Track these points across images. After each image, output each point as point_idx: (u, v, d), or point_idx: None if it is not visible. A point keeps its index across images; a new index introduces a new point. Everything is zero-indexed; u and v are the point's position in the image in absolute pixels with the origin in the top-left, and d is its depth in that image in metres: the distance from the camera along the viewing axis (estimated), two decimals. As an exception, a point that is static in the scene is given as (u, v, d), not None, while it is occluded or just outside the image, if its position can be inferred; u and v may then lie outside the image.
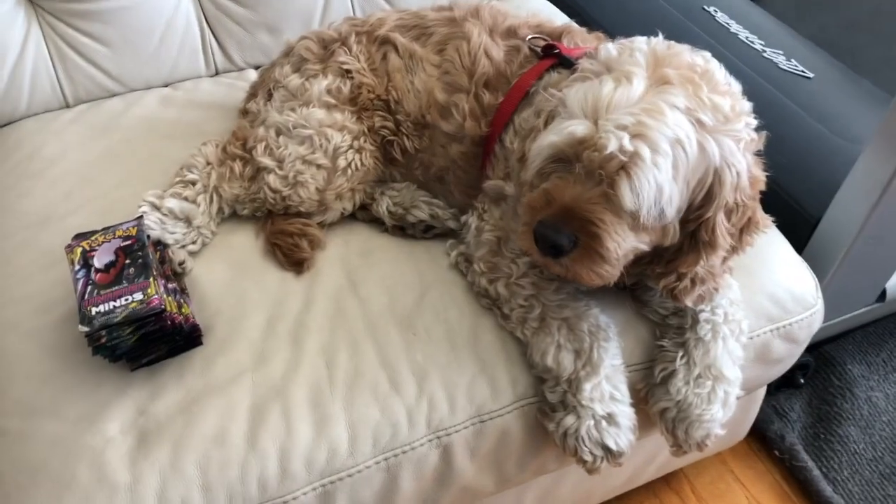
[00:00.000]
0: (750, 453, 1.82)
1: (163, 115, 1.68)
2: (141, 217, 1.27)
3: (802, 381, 1.89)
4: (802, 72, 1.96)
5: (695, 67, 1.08)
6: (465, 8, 1.44)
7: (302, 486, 1.15)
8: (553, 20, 1.47)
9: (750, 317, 1.31)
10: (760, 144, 1.12)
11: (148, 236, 1.24)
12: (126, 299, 1.14)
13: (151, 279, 1.17)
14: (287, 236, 1.36)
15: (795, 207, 1.65)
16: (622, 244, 1.07)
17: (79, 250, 1.20)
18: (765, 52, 2.02)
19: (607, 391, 1.19)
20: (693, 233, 1.11)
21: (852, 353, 1.96)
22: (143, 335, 1.15)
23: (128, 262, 1.19)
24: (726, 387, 1.24)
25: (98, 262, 1.19)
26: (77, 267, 1.19)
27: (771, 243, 1.42)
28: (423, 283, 1.34)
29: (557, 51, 1.33)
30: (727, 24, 2.13)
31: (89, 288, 1.16)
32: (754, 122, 1.10)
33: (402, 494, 1.22)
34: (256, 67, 1.86)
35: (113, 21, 1.68)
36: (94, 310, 1.13)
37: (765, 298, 1.37)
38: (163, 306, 1.14)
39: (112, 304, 1.14)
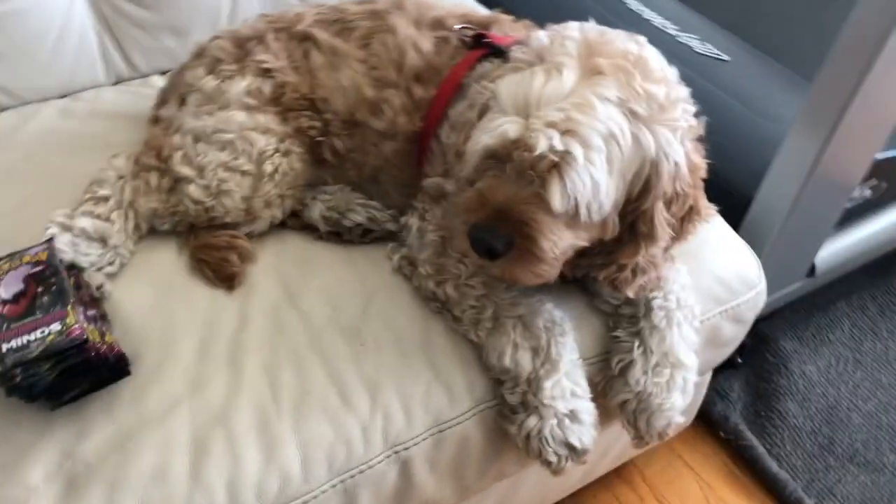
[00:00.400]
0: (696, 437, 1.82)
1: (64, 128, 1.54)
2: (51, 239, 1.15)
3: (740, 360, 1.91)
4: (718, 55, 1.98)
5: (628, 55, 1.04)
6: (388, 0, 1.38)
7: (254, 519, 1.06)
8: (478, 10, 1.42)
9: (699, 301, 1.29)
10: (700, 131, 1.10)
11: (60, 260, 1.12)
12: (42, 332, 1.03)
13: (69, 307, 1.05)
14: (214, 250, 1.27)
15: (725, 189, 1.65)
16: (558, 243, 1.03)
17: (-19, 281, 1.08)
18: (679, 36, 2.03)
19: (568, 388, 1.15)
20: (632, 224, 1.08)
21: (783, 330, 1.99)
22: (64, 370, 1.04)
23: (40, 290, 1.07)
24: (684, 373, 1.22)
25: (5, 292, 1.07)
26: (-20, 300, 1.06)
27: (712, 226, 1.41)
28: (367, 291, 1.27)
29: (488, 40, 1.28)
30: (639, 10, 2.13)
31: (-2, 322, 1.04)
32: (692, 109, 1.08)
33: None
34: (162, 73, 1.74)
35: (-1, 28, 1.54)
36: (4, 346, 1.01)
37: (711, 281, 1.36)
38: (85, 336, 1.03)
39: (26, 338, 1.02)
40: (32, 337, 1.02)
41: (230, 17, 1.75)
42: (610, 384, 1.23)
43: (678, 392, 1.21)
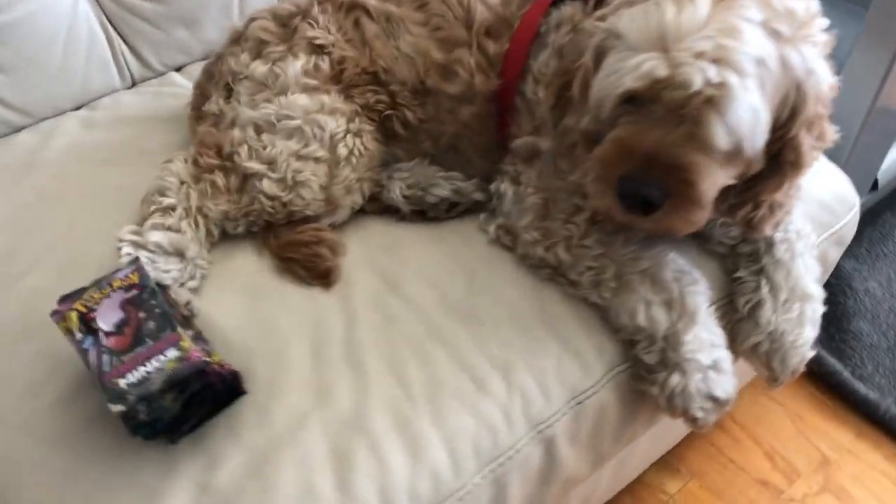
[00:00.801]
0: (779, 370, 1.78)
1: (89, 140, 1.42)
2: (136, 259, 1.04)
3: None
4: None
5: None
6: (436, -45, 1.28)
7: (411, 524, 0.99)
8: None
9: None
10: (831, 45, 1.02)
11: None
12: (159, 360, 0.93)
13: (180, 329, 0.95)
14: (302, 246, 1.17)
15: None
16: (714, 184, 0.96)
17: (73, 315, 0.97)
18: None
19: (707, 339, 1.09)
20: (775, 155, 1.01)
21: (839, 250, 1.96)
22: (186, 399, 0.94)
23: (142, 315, 0.97)
24: (813, 305, 1.18)
25: (104, 323, 0.96)
26: (79, 335, 0.95)
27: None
28: (466, 267, 1.19)
29: (555, -17, 1.20)
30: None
31: (106, 357, 0.93)
32: (826, 22, 1.01)
33: (510, 504, 1.09)
34: (178, 69, 1.62)
35: (1, 41, 1.39)
36: (122, 382, 0.91)
37: (816, 206, 1.31)
38: (205, 359, 0.94)
39: (143, 369, 0.92)
40: (150, 367, 0.92)
41: (240, 6, 1.63)
42: (738, 328, 1.18)
43: (809, 326, 1.17)
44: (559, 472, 1.13)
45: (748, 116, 0.89)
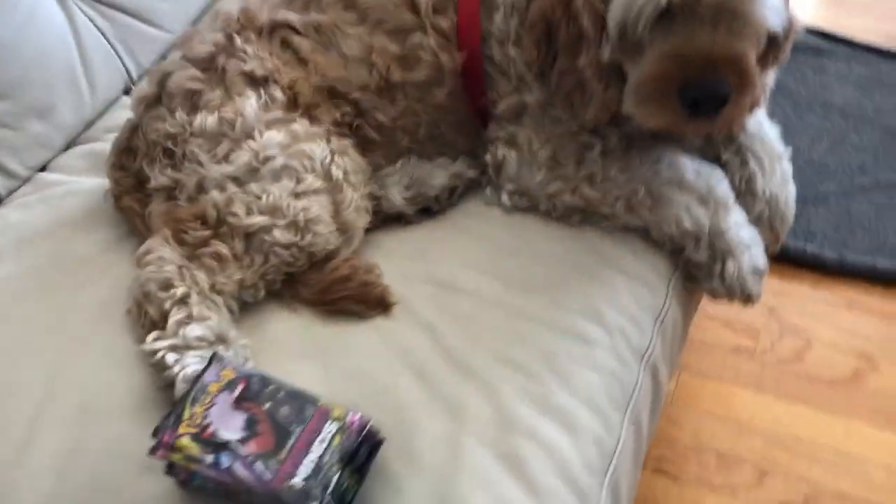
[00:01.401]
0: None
1: (8, 272, 1.17)
2: (216, 355, 0.91)
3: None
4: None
5: None
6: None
7: (596, 494, 0.97)
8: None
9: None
10: None
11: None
12: (321, 441, 0.83)
13: (322, 400, 0.85)
14: (346, 281, 1.08)
15: None
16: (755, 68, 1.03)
17: (185, 441, 0.83)
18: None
19: (740, 219, 1.17)
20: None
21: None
22: (358, 468, 0.85)
23: (267, 406, 0.85)
24: (785, 163, 1.28)
25: (230, 432, 0.83)
26: (208, 457, 0.82)
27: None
28: (501, 243, 1.17)
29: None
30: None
31: (260, 464, 0.81)
32: None
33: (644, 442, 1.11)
34: (42, 168, 1.39)
35: None
36: (298, 481, 0.80)
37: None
38: (365, 417, 0.85)
39: (309, 459, 0.81)
40: (315, 454, 0.82)
41: (88, 80, 1.44)
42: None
43: (790, 182, 1.28)
44: (662, 395, 1.16)
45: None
